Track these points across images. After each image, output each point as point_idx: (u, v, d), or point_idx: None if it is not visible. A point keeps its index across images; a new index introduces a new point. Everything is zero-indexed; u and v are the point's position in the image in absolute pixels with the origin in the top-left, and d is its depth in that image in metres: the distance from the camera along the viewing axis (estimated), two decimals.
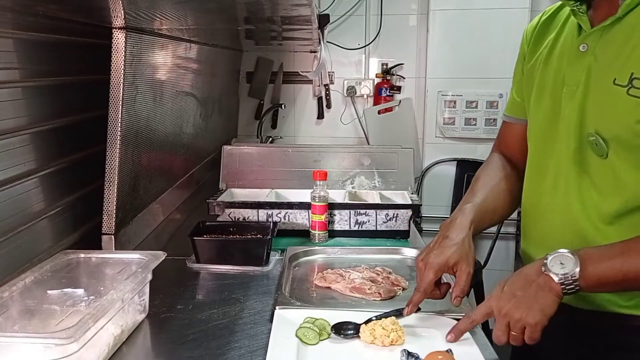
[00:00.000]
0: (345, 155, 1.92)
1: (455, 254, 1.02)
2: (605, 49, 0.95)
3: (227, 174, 1.90)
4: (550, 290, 0.87)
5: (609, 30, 0.95)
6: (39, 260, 1.12)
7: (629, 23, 0.92)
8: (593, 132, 0.95)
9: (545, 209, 1.07)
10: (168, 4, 1.20)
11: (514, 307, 0.88)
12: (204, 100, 2.27)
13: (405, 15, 2.99)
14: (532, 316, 0.87)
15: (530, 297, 0.88)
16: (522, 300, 0.88)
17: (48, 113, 1.24)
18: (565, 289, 0.87)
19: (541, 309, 0.87)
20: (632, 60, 0.89)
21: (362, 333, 1.00)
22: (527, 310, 0.87)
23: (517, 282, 0.91)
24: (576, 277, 0.86)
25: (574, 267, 0.86)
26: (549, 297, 0.87)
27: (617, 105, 0.91)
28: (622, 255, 0.87)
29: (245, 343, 1.02)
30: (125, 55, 1.33)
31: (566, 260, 0.87)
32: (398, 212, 1.63)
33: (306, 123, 3.16)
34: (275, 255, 1.46)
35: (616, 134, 0.92)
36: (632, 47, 0.90)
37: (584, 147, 0.98)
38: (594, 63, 0.96)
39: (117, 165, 1.35)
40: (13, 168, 1.11)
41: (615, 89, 0.91)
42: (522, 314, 0.87)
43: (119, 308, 0.96)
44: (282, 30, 2.02)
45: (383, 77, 2.99)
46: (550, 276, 0.87)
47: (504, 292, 0.91)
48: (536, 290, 0.88)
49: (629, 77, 0.89)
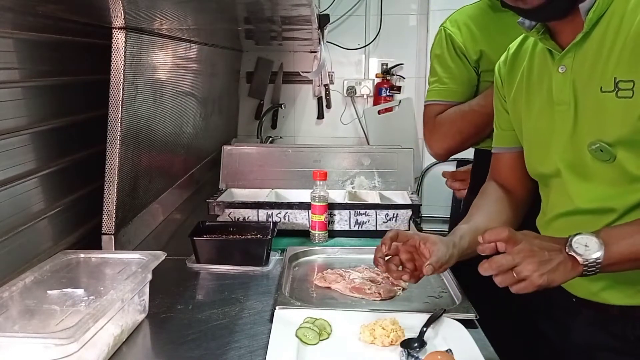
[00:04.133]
0: (345, 155, 1.92)
1: (436, 238, 1.06)
2: (583, 64, 0.99)
3: (227, 174, 1.90)
4: (572, 270, 0.89)
5: (581, 46, 0.99)
6: (39, 260, 1.12)
7: (598, 34, 0.96)
8: (595, 141, 0.97)
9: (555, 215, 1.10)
10: (168, 4, 1.20)
11: (537, 259, 0.89)
12: (203, 100, 2.27)
13: (405, 15, 2.99)
14: (541, 279, 0.88)
15: (553, 263, 0.89)
16: (547, 261, 0.89)
17: (48, 113, 1.24)
18: (587, 270, 0.89)
19: (552, 279, 0.88)
20: (611, 66, 0.93)
21: (362, 333, 1.00)
22: (543, 270, 0.88)
23: (550, 242, 0.92)
24: (600, 260, 0.88)
25: (598, 250, 0.88)
26: (565, 276, 0.89)
27: (610, 110, 0.94)
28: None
29: (245, 343, 1.02)
30: (125, 55, 1.33)
31: (591, 242, 0.89)
32: (398, 212, 1.63)
33: (306, 123, 3.16)
34: (275, 255, 1.46)
35: (619, 136, 0.95)
36: (606, 55, 0.94)
37: (584, 157, 1.00)
38: (577, 80, 1.00)
39: (117, 165, 1.35)
40: (13, 168, 1.11)
41: (604, 96, 0.94)
42: (537, 270, 0.88)
43: (118, 308, 0.96)
44: (282, 30, 2.02)
45: (383, 77, 2.99)
46: (575, 257, 0.89)
47: (536, 242, 0.91)
48: (560, 263, 0.89)
49: (614, 82, 0.93)
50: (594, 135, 0.97)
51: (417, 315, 1.05)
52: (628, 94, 0.91)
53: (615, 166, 0.97)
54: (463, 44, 1.49)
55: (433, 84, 1.55)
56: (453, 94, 1.51)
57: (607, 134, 0.96)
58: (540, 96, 1.09)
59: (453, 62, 1.50)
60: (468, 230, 1.12)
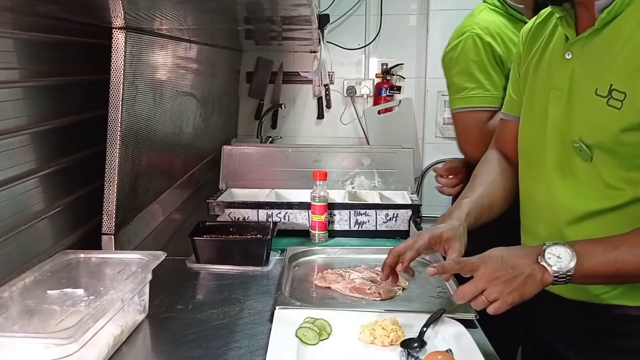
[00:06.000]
0: (345, 155, 1.92)
1: (449, 231, 1.06)
2: (588, 58, 0.99)
3: (227, 174, 1.90)
4: (541, 281, 0.90)
5: (590, 40, 0.98)
6: (39, 260, 1.12)
7: (608, 34, 0.95)
8: (577, 139, 0.98)
9: (536, 206, 1.11)
10: (168, 4, 1.20)
11: (501, 280, 0.90)
12: (203, 100, 2.28)
13: (405, 15, 2.99)
14: (511, 296, 0.89)
15: (519, 279, 0.90)
16: (512, 279, 0.90)
17: (48, 113, 1.24)
18: (558, 280, 0.90)
19: (522, 293, 0.89)
20: (611, 72, 0.93)
21: (362, 333, 1.00)
22: (510, 289, 0.89)
23: (516, 258, 0.93)
24: (571, 272, 0.89)
25: (570, 261, 0.89)
26: (536, 287, 0.90)
27: (598, 115, 0.95)
28: (616, 250, 0.90)
29: (245, 343, 1.02)
30: (125, 55, 1.33)
31: (563, 254, 0.90)
32: (398, 212, 1.63)
33: (306, 123, 3.15)
34: (275, 255, 1.46)
35: (598, 142, 0.96)
36: (611, 59, 0.94)
37: (569, 151, 1.01)
38: (578, 71, 1.00)
39: (117, 165, 1.35)
40: (13, 168, 1.11)
41: (596, 99, 0.95)
42: (503, 290, 0.89)
43: (118, 308, 0.96)
44: (282, 30, 2.02)
45: (383, 77, 2.99)
46: (545, 268, 0.90)
47: (499, 261, 0.92)
48: (527, 276, 0.90)
49: (609, 88, 0.93)
50: (578, 133, 0.98)
51: (417, 315, 1.05)
52: (617, 104, 0.91)
53: (592, 168, 0.98)
54: (503, 53, 1.52)
55: (474, 90, 1.55)
56: (497, 100, 1.52)
57: (588, 135, 0.97)
58: (543, 76, 1.08)
59: (494, 70, 1.53)
60: (473, 206, 1.13)
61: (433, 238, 1.06)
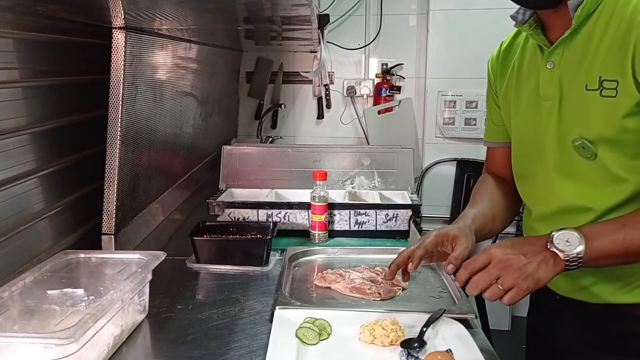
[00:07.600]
0: (345, 155, 1.92)
1: (456, 230, 1.07)
2: (570, 61, 1.00)
3: (227, 174, 1.90)
4: (554, 266, 0.90)
5: (569, 42, 1.00)
6: (39, 260, 1.12)
7: (585, 32, 0.97)
8: (578, 138, 0.99)
9: (541, 215, 1.11)
10: (168, 4, 1.20)
11: (515, 267, 0.89)
12: (203, 100, 2.27)
13: (405, 15, 2.99)
14: (527, 282, 0.88)
15: (533, 264, 0.90)
16: (525, 264, 0.90)
17: (48, 113, 1.24)
18: (569, 265, 0.90)
19: (537, 279, 0.89)
20: (597, 65, 0.94)
21: (362, 333, 1.00)
22: (524, 275, 0.89)
23: (525, 246, 0.93)
24: (581, 255, 0.89)
25: (578, 244, 0.89)
26: (549, 273, 0.90)
27: (594, 108, 0.95)
28: (623, 228, 0.90)
29: (245, 343, 1.02)
30: (125, 55, 1.33)
31: (572, 238, 0.90)
32: (398, 212, 1.63)
33: (306, 123, 3.15)
34: (275, 255, 1.46)
35: (601, 135, 0.96)
36: (593, 53, 0.95)
37: (569, 154, 1.02)
38: (564, 77, 1.01)
39: (117, 165, 1.35)
40: (13, 168, 1.11)
41: (588, 94, 0.96)
42: (518, 276, 0.89)
43: (118, 308, 0.96)
44: (282, 30, 2.02)
45: (383, 77, 2.99)
46: (556, 253, 0.90)
47: (510, 248, 0.92)
48: (540, 262, 0.90)
49: (599, 81, 0.94)
50: (577, 132, 0.99)
51: (417, 315, 1.05)
52: (612, 93, 0.92)
53: (596, 164, 0.98)
54: None
55: None
56: None
57: (589, 131, 0.97)
58: (528, 91, 1.10)
59: None
60: (477, 215, 1.14)
61: (440, 236, 1.07)
